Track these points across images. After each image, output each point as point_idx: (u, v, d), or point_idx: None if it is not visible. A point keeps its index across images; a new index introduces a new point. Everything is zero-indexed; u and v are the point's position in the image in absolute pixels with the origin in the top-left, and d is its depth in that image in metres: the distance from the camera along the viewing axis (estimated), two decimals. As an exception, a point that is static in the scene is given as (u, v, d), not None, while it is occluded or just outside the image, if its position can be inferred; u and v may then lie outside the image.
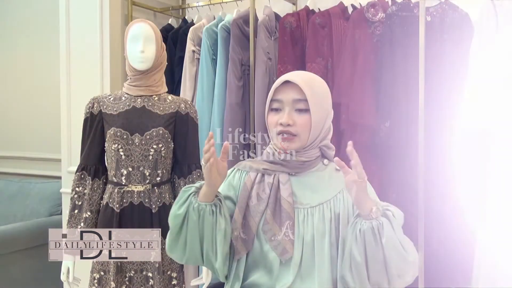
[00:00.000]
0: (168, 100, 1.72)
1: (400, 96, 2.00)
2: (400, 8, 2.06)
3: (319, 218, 1.14)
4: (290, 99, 1.14)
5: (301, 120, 1.13)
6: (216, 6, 2.60)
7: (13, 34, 3.57)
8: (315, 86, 1.15)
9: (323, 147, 1.21)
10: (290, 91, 1.14)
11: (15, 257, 2.68)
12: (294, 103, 1.14)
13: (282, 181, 1.17)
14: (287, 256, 1.14)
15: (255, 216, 1.17)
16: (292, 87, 1.13)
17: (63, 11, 2.53)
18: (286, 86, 1.14)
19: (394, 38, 2.03)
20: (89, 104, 1.72)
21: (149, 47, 1.64)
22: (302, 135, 1.14)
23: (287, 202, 1.15)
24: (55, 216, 2.93)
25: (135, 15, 2.52)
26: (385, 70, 2.01)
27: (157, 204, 1.67)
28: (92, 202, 1.69)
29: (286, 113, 1.13)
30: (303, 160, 1.17)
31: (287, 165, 1.18)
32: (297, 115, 1.14)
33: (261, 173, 1.20)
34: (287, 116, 1.13)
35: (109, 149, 1.67)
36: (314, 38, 2.12)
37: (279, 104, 1.15)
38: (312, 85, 1.14)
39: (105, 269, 1.67)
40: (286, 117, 1.13)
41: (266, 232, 1.16)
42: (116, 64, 2.46)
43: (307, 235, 1.14)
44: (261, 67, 2.24)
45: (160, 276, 1.64)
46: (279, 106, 1.16)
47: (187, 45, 2.46)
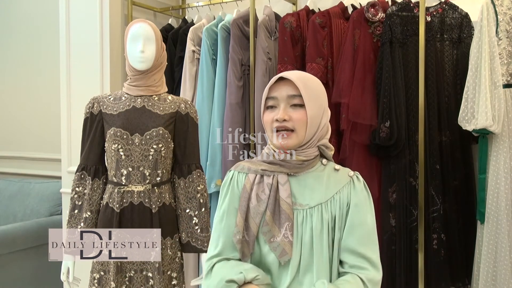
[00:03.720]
0: (168, 100, 1.72)
1: (400, 96, 2.00)
2: (400, 8, 2.06)
3: (317, 219, 1.14)
4: (284, 95, 1.14)
5: (297, 115, 1.13)
6: (216, 6, 2.60)
7: (13, 34, 3.57)
8: (309, 82, 1.16)
9: (321, 146, 1.20)
10: (284, 87, 1.14)
11: (15, 257, 2.68)
12: (289, 99, 1.14)
13: (281, 182, 1.17)
14: (286, 258, 1.13)
15: (255, 218, 1.16)
16: (286, 83, 1.14)
17: (63, 11, 2.54)
18: (280, 83, 1.15)
19: (394, 38, 2.03)
20: (89, 104, 1.71)
21: (149, 47, 1.64)
22: (299, 131, 1.14)
23: (286, 203, 1.14)
24: (55, 216, 2.93)
25: (135, 15, 2.52)
26: (385, 70, 2.01)
27: (157, 204, 1.67)
28: (92, 202, 1.69)
29: (281, 109, 1.14)
30: (302, 159, 1.17)
31: (286, 165, 1.17)
32: (293, 110, 1.14)
33: (260, 174, 1.20)
34: (282, 112, 1.13)
35: (109, 149, 1.66)
36: (314, 38, 2.12)
37: (274, 101, 1.15)
38: (306, 81, 1.15)
39: (105, 269, 1.67)
40: (281, 112, 1.13)
41: (265, 234, 1.15)
42: (116, 64, 2.46)
43: (306, 236, 1.13)
44: (261, 67, 2.24)
45: (160, 276, 1.64)
46: (274, 103, 1.16)
47: (187, 45, 2.46)
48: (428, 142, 1.98)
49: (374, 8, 2.08)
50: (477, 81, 1.85)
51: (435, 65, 2.02)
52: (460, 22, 2.04)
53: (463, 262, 2.01)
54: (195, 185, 1.71)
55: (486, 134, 1.87)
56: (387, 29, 2.03)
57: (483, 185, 1.89)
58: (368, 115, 2.02)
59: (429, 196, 1.97)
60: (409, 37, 2.04)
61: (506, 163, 1.85)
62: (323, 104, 1.18)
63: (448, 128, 2.02)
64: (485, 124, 1.81)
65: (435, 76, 2.01)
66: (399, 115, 1.99)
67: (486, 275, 1.85)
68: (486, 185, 1.88)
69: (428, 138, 1.98)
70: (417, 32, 1.97)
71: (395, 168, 2.03)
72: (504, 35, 1.87)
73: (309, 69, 2.09)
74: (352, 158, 2.03)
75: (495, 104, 1.84)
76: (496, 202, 1.85)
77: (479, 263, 1.88)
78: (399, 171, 2.02)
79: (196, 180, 1.71)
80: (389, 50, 2.02)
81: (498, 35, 1.86)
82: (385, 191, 2.03)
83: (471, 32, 2.03)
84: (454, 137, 2.02)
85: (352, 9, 2.22)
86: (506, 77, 1.87)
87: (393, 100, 2.00)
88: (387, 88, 2.00)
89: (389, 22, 2.04)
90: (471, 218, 2.00)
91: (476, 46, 1.87)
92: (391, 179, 2.04)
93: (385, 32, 2.04)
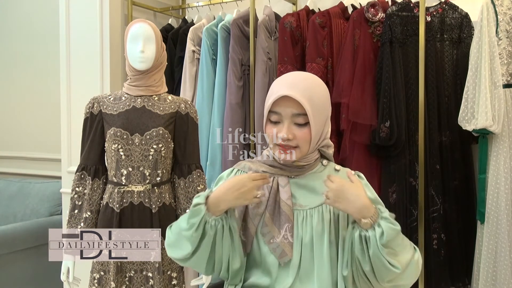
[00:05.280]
0: (168, 100, 1.72)
1: (400, 96, 2.00)
2: (400, 8, 2.06)
3: (318, 220, 1.14)
4: (289, 113, 1.10)
5: (301, 133, 1.10)
6: (216, 6, 2.60)
7: (13, 34, 3.57)
8: (314, 96, 1.11)
9: (322, 148, 1.20)
10: (289, 104, 1.10)
11: (15, 257, 2.68)
12: (293, 117, 1.10)
13: (282, 184, 1.17)
14: (286, 259, 1.13)
15: (253, 219, 1.16)
16: (291, 100, 1.09)
17: (63, 11, 2.53)
18: (285, 98, 1.10)
19: (394, 38, 2.03)
20: (89, 104, 1.71)
21: (149, 47, 1.64)
22: (303, 147, 1.12)
23: (286, 205, 1.14)
24: (55, 216, 2.93)
25: (135, 15, 2.52)
26: (385, 70, 2.01)
27: (157, 204, 1.67)
28: (92, 202, 1.69)
29: (285, 127, 1.10)
30: (302, 164, 1.17)
31: (286, 169, 1.17)
32: (297, 128, 1.11)
33: None
34: (286, 130, 1.10)
35: (109, 149, 1.66)
36: (314, 38, 2.12)
37: (278, 116, 1.12)
38: (311, 96, 1.10)
39: (105, 269, 1.67)
40: (285, 131, 1.10)
41: (264, 235, 1.15)
42: (116, 64, 2.46)
43: (306, 236, 1.13)
44: (261, 67, 2.24)
45: (160, 276, 1.64)
46: (277, 119, 1.12)
47: (187, 45, 2.46)
48: (428, 142, 1.98)
49: (374, 8, 2.08)
50: (477, 81, 1.85)
51: (435, 65, 2.02)
52: (460, 22, 2.04)
53: (463, 262, 2.01)
54: (195, 185, 1.71)
55: (486, 134, 1.87)
56: (387, 29, 2.03)
57: (483, 185, 1.89)
58: (368, 115, 2.02)
59: (429, 196, 1.97)
60: (409, 37, 2.05)
61: (506, 163, 1.85)
62: (327, 113, 1.16)
63: (448, 128, 2.02)
64: (485, 124, 1.81)
65: (435, 76, 2.01)
66: (399, 115, 1.99)
67: (486, 275, 1.85)
68: (486, 185, 1.88)
69: (428, 138, 1.98)
70: (417, 32, 1.97)
71: (395, 168, 2.03)
72: (504, 35, 1.87)
73: (309, 69, 2.09)
74: (352, 158, 2.03)
75: (495, 104, 1.84)
76: (496, 202, 1.85)
77: (479, 263, 1.88)
78: (399, 171, 2.02)
79: (196, 180, 1.71)
80: (389, 50, 2.02)
81: (498, 35, 1.86)
82: (385, 191, 2.03)
83: (471, 32, 2.03)
84: (454, 137, 2.02)
85: (352, 9, 2.22)
86: (506, 77, 1.87)
87: (393, 100, 1.99)
88: (387, 88, 2.00)
89: (389, 22, 2.04)
90: (471, 218, 2.00)
91: (476, 46, 1.87)
92: (391, 179, 2.04)
93: (385, 32, 2.04)
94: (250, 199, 1.10)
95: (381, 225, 1.05)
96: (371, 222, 1.05)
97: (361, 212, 1.06)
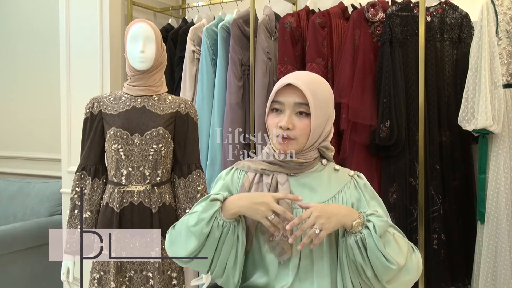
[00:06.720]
0: (168, 100, 1.72)
1: (400, 96, 2.00)
2: (400, 8, 2.06)
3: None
4: (291, 102, 1.13)
5: (301, 124, 1.12)
6: (216, 6, 2.60)
7: (13, 34, 3.57)
8: (318, 90, 1.14)
9: (321, 148, 1.20)
10: (292, 93, 1.12)
11: (15, 257, 2.68)
12: (296, 106, 1.13)
13: (281, 182, 1.17)
14: (285, 257, 1.13)
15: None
16: (294, 89, 1.12)
17: (63, 11, 2.53)
18: (289, 88, 1.13)
19: (394, 38, 2.03)
20: (89, 104, 1.71)
21: (149, 47, 1.64)
22: (300, 139, 1.13)
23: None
24: (55, 216, 2.93)
25: (135, 15, 2.52)
26: (385, 70, 2.01)
27: (157, 204, 1.67)
28: (92, 202, 1.69)
29: (286, 116, 1.12)
30: (301, 161, 1.17)
31: (285, 166, 1.18)
32: (298, 118, 1.13)
33: (259, 173, 1.20)
34: (287, 119, 1.12)
35: (109, 149, 1.66)
36: (314, 38, 2.12)
37: (280, 105, 1.14)
38: (315, 89, 1.13)
39: (105, 269, 1.67)
40: (286, 120, 1.12)
41: (264, 233, 1.15)
42: (116, 64, 2.46)
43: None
44: (261, 67, 2.24)
45: (160, 276, 1.64)
46: (280, 107, 1.15)
47: (187, 45, 2.46)
48: (428, 142, 1.98)
49: (374, 8, 2.08)
50: (477, 81, 1.85)
51: (435, 65, 2.02)
52: (460, 22, 2.04)
53: (463, 262, 2.01)
54: (195, 185, 1.71)
55: (486, 134, 1.87)
56: (387, 29, 2.03)
57: (483, 185, 1.89)
58: (368, 115, 2.02)
59: (429, 196, 1.97)
60: (409, 37, 2.05)
61: (506, 163, 1.85)
62: (329, 111, 1.17)
63: (448, 128, 2.02)
64: (485, 124, 1.81)
65: (435, 76, 2.01)
66: (399, 115, 1.99)
67: (486, 275, 1.85)
68: (486, 185, 1.88)
69: (428, 138, 1.98)
70: (417, 32, 1.97)
71: (395, 168, 2.03)
72: (504, 35, 1.87)
73: (309, 69, 2.09)
74: (352, 158, 2.03)
75: (495, 104, 1.84)
76: (496, 202, 1.85)
77: (479, 263, 1.88)
78: (399, 171, 2.02)
79: (196, 180, 1.71)
80: (389, 50, 2.02)
81: (498, 35, 1.87)
82: (385, 191, 2.03)
83: (471, 32, 2.03)
84: (454, 137, 2.02)
85: (352, 9, 2.22)
86: (506, 77, 1.87)
87: (393, 100, 2.00)
88: (387, 88, 2.00)
89: (389, 22, 2.04)
90: (471, 218, 2.00)
91: (476, 46, 1.87)
92: (391, 179, 2.04)
93: (385, 32, 2.04)
94: (262, 216, 1.08)
95: (371, 220, 1.08)
96: (361, 221, 1.08)
97: (350, 216, 1.08)
